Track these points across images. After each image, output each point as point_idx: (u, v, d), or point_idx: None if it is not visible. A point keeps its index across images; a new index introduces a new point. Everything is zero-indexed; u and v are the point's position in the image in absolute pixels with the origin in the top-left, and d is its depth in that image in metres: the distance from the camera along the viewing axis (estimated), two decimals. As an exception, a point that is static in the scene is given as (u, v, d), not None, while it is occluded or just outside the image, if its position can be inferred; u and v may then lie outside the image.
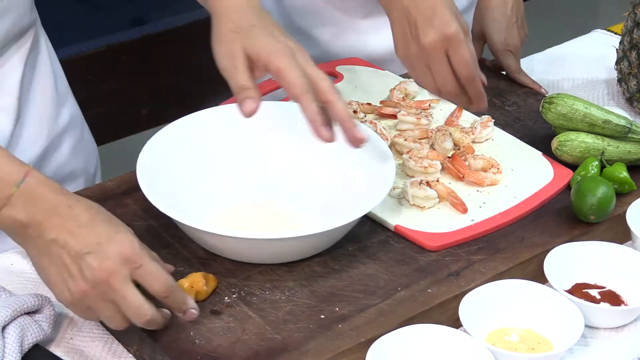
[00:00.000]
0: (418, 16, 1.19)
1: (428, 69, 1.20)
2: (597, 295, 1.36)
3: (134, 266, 1.18)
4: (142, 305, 1.19)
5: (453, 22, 1.19)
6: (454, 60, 1.19)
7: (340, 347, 1.24)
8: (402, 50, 1.22)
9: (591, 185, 1.43)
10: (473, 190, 1.50)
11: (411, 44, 1.20)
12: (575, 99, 1.55)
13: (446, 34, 1.18)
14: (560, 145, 1.54)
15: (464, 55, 1.19)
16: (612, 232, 1.46)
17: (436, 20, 1.18)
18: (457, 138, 1.58)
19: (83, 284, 1.17)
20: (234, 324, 1.27)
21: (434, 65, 1.19)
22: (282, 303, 1.30)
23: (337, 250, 1.39)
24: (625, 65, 1.73)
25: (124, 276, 1.17)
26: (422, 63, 1.20)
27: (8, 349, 1.22)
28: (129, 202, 1.46)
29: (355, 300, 1.31)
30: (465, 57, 1.19)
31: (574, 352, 1.30)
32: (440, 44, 1.18)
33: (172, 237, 1.40)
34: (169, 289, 1.20)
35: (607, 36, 2.01)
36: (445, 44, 1.18)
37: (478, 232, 1.42)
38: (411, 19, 1.20)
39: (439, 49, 1.18)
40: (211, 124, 1.50)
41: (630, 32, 1.71)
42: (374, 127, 1.55)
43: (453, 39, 1.18)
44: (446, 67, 1.19)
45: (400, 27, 1.22)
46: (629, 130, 1.54)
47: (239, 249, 1.34)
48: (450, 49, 1.18)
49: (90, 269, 1.17)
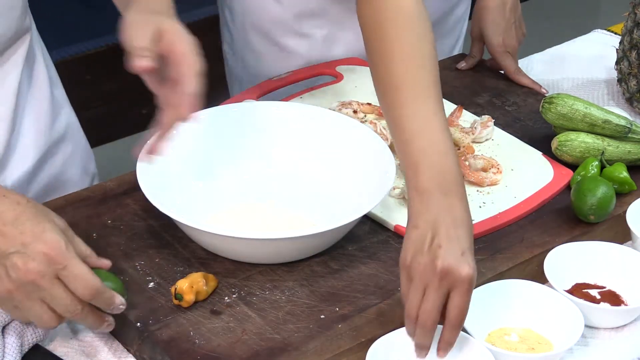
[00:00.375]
0: (445, 239, 1.16)
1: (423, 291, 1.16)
2: (597, 295, 1.36)
3: (58, 267, 1.15)
4: (72, 301, 1.17)
5: (474, 267, 1.17)
6: (453, 302, 1.16)
7: (340, 347, 1.25)
8: (410, 256, 1.17)
9: (591, 185, 1.43)
10: (473, 190, 1.50)
11: (424, 257, 1.16)
12: (575, 99, 1.55)
13: (461, 274, 1.15)
14: (560, 145, 1.54)
15: (464, 304, 1.16)
16: (612, 232, 1.46)
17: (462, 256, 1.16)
18: (457, 138, 1.58)
19: (8, 284, 1.15)
20: (234, 324, 1.27)
21: (432, 291, 1.15)
22: (282, 303, 1.30)
23: (337, 250, 1.39)
24: (625, 65, 1.73)
25: (49, 276, 1.15)
26: (422, 282, 1.16)
27: (8, 349, 1.22)
28: (129, 202, 1.46)
29: (355, 300, 1.31)
30: (464, 305, 1.16)
31: (574, 352, 1.30)
32: (451, 279, 1.15)
33: (172, 237, 1.40)
34: (93, 292, 1.17)
35: (607, 36, 2.01)
36: (453, 281, 1.15)
37: (478, 232, 1.42)
38: (437, 237, 1.16)
39: (446, 281, 1.15)
40: (211, 124, 1.50)
41: (630, 32, 1.71)
42: (374, 127, 1.55)
43: (465, 281, 1.15)
44: (440, 302, 1.16)
45: (420, 238, 1.17)
46: (629, 130, 1.54)
47: (239, 249, 1.34)
48: (456, 289, 1.15)
49: (15, 269, 1.15)
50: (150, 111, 1.32)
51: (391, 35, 1.30)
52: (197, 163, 1.48)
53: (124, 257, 1.36)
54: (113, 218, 1.43)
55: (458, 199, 1.21)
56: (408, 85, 1.27)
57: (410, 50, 1.29)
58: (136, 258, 1.36)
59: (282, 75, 1.75)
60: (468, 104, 1.71)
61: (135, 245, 1.38)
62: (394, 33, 1.30)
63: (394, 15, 1.30)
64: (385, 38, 1.30)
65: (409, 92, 1.26)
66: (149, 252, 1.37)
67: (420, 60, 1.28)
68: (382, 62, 1.30)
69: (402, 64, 1.28)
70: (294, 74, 1.76)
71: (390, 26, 1.30)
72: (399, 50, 1.29)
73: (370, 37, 1.33)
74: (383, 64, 1.30)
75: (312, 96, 1.68)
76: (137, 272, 1.34)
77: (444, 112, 1.27)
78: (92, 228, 1.41)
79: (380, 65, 1.31)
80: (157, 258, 1.36)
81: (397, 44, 1.29)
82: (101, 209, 1.44)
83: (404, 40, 1.29)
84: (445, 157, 1.23)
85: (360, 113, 1.63)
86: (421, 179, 1.21)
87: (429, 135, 1.24)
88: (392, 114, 1.28)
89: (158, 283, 1.32)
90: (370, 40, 1.33)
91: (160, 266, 1.35)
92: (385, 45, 1.30)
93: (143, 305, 1.29)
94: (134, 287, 1.31)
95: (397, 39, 1.29)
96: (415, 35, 1.30)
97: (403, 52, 1.29)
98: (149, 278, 1.33)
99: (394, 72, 1.28)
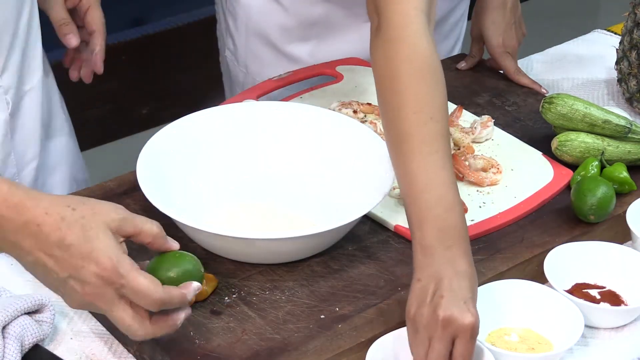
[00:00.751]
0: (447, 289, 1.18)
1: (428, 341, 1.19)
2: (597, 295, 1.36)
3: (117, 286, 1.11)
4: (130, 325, 1.12)
5: (477, 316, 1.18)
6: (457, 351, 1.18)
7: (340, 347, 1.25)
8: (414, 309, 1.19)
9: (591, 185, 1.43)
10: (473, 190, 1.50)
11: (427, 308, 1.18)
12: (575, 99, 1.55)
13: (463, 322, 1.17)
14: (560, 145, 1.54)
15: (467, 351, 1.18)
16: (612, 232, 1.46)
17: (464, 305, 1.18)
18: (457, 138, 1.58)
19: (75, 304, 1.13)
20: (234, 324, 1.27)
21: (436, 341, 1.17)
22: (282, 303, 1.30)
23: (337, 250, 1.39)
24: (625, 65, 1.73)
25: (109, 297, 1.11)
26: (426, 333, 1.18)
27: (8, 349, 1.22)
28: (129, 202, 1.45)
29: (355, 300, 1.31)
30: (468, 352, 1.18)
31: (574, 352, 1.30)
32: (454, 329, 1.17)
33: (172, 237, 1.39)
34: (159, 304, 1.12)
35: (607, 36, 2.01)
36: (456, 330, 1.17)
37: (478, 232, 1.42)
38: (439, 289, 1.19)
39: (449, 330, 1.17)
40: (211, 124, 1.50)
41: (630, 32, 1.71)
42: (374, 127, 1.55)
43: (467, 329, 1.17)
44: (445, 350, 1.18)
45: (423, 290, 1.20)
46: (629, 130, 1.54)
47: (239, 249, 1.34)
48: (459, 337, 1.18)
49: (74, 293, 1.12)
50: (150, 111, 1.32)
51: (403, 85, 1.29)
52: (197, 163, 1.48)
53: (124, 257, 1.36)
54: (113, 218, 1.42)
55: (461, 253, 1.22)
56: (416, 139, 1.27)
57: (422, 101, 1.28)
58: (136, 258, 1.36)
59: (282, 75, 1.75)
60: (468, 104, 1.71)
61: (135, 245, 1.38)
62: (406, 83, 1.29)
63: (407, 65, 1.30)
64: (397, 88, 1.29)
65: (416, 146, 1.27)
66: (149, 252, 1.37)
67: (431, 112, 1.28)
68: (392, 112, 1.30)
69: (413, 116, 1.28)
70: (294, 74, 1.76)
71: (403, 76, 1.29)
72: (411, 101, 1.28)
73: (382, 86, 1.32)
74: (393, 114, 1.30)
75: (312, 96, 1.68)
76: (137, 272, 1.33)
77: (451, 165, 1.27)
78: (92, 228, 1.40)
79: (391, 114, 1.30)
80: (157, 258, 1.36)
81: (409, 95, 1.29)
82: (101, 209, 1.44)
83: (416, 92, 1.29)
84: (449, 212, 1.24)
85: (360, 113, 1.63)
86: (425, 234, 1.23)
87: (434, 191, 1.24)
88: (400, 166, 1.29)
89: (158, 283, 1.32)
90: (382, 89, 1.32)
91: (160, 266, 1.35)
92: (397, 95, 1.29)
93: (143, 305, 1.28)
94: (134, 287, 1.31)
95: (409, 89, 1.29)
96: (427, 86, 1.29)
97: (414, 104, 1.28)
98: (149, 278, 1.33)
99: (405, 123, 1.28)
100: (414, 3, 1.32)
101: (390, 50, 1.31)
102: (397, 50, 1.31)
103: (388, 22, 1.32)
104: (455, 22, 1.98)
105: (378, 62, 1.33)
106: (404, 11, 1.32)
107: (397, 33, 1.32)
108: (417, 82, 1.29)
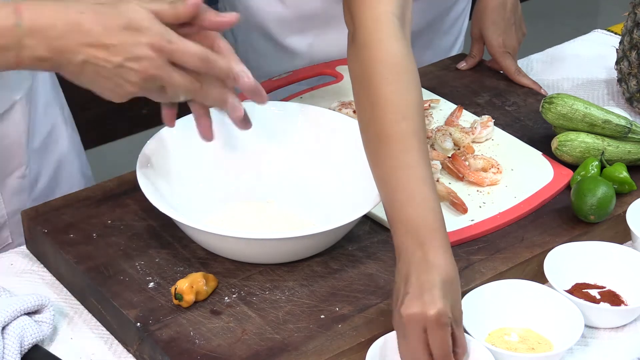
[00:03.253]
0: (411, 287, 1.20)
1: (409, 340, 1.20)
2: (597, 295, 1.36)
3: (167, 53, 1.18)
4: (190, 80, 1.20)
5: (440, 304, 1.18)
6: (432, 343, 1.19)
7: (340, 347, 1.25)
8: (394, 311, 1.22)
9: (591, 185, 1.43)
10: (473, 190, 1.50)
11: (398, 310, 1.20)
12: (575, 99, 1.55)
13: (426, 314, 1.18)
14: (560, 145, 1.54)
15: (441, 341, 1.19)
16: (612, 232, 1.46)
17: (426, 297, 1.19)
18: (457, 138, 1.58)
19: (132, 87, 1.19)
20: (234, 324, 1.27)
21: (411, 340, 1.20)
22: (282, 303, 1.30)
23: (337, 250, 1.39)
24: (625, 65, 1.73)
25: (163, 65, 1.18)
26: (402, 332, 1.21)
27: (8, 349, 1.22)
28: (129, 202, 1.46)
29: (355, 300, 1.31)
30: (443, 342, 1.19)
31: (574, 352, 1.30)
32: (419, 322, 1.19)
33: (172, 237, 1.40)
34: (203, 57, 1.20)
35: (607, 36, 2.01)
36: (422, 323, 1.19)
37: (478, 232, 1.42)
38: (406, 287, 1.20)
39: (415, 326, 1.19)
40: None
41: (630, 32, 1.71)
42: (374, 127, 1.55)
43: (432, 320, 1.18)
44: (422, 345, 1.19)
45: (396, 292, 1.22)
46: (629, 130, 1.54)
47: (239, 249, 1.34)
48: (429, 329, 1.19)
49: (133, 75, 1.18)
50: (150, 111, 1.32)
51: (376, 87, 1.31)
52: (197, 163, 1.47)
53: (124, 257, 1.36)
54: (113, 218, 1.43)
55: (434, 247, 1.21)
56: (390, 139, 1.28)
57: (394, 102, 1.29)
58: (136, 258, 1.36)
59: (282, 75, 1.75)
60: (468, 104, 1.71)
61: (135, 245, 1.38)
62: (378, 85, 1.30)
63: (380, 68, 1.31)
64: (371, 91, 1.31)
65: (390, 145, 1.27)
66: (149, 252, 1.37)
67: (404, 112, 1.29)
68: (367, 114, 1.31)
69: (386, 116, 1.29)
70: (294, 74, 1.76)
71: (375, 78, 1.31)
72: (383, 102, 1.29)
73: (357, 90, 1.34)
74: (368, 116, 1.31)
75: (312, 96, 1.68)
76: (137, 272, 1.34)
77: (426, 162, 1.27)
78: (92, 228, 1.41)
79: (366, 117, 1.32)
80: (157, 258, 1.36)
81: (381, 96, 1.30)
82: (101, 209, 1.44)
83: (388, 92, 1.30)
84: (420, 209, 1.23)
85: (360, 113, 1.63)
86: (398, 236, 1.24)
87: (406, 190, 1.24)
88: (377, 169, 1.29)
89: (158, 283, 1.32)
90: (357, 93, 1.34)
91: (160, 266, 1.35)
92: (371, 98, 1.31)
93: (143, 305, 1.29)
94: (134, 287, 1.31)
95: (382, 91, 1.30)
96: (400, 87, 1.30)
97: (387, 105, 1.29)
98: (149, 278, 1.33)
99: (377, 124, 1.29)
100: (385, 7, 1.34)
101: (363, 55, 1.33)
102: (369, 54, 1.32)
103: (361, 28, 1.35)
104: (455, 18, 1.98)
105: (353, 67, 1.35)
106: (375, 16, 1.34)
107: (370, 37, 1.33)
108: (388, 83, 1.30)
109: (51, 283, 1.39)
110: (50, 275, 1.40)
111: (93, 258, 1.36)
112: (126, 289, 1.31)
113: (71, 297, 1.37)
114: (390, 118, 1.28)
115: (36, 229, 1.41)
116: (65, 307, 1.35)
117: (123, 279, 1.32)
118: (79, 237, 1.39)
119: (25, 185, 1.55)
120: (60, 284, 1.39)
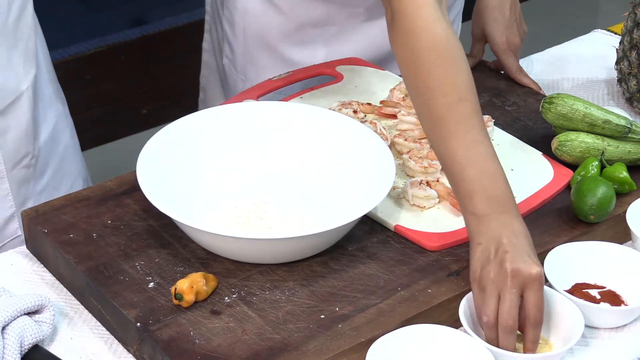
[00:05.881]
0: (510, 246, 1.26)
1: (497, 296, 1.25)
2: (597, 295, 1.36)
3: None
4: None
5: (540, 267, 1.26)
6: (529, 301, 1.25)
7: (340, 347, 1.25)
8: (479, 269, 1.27)
9: (591, 185, 1.43)
10: (473, 190, 1.50)
11: (492, 266, 1.25)
12: (575, 99, 1.55)
13: (530, 273, 1.24)
14: (560, 145, 1.54)
15: (539, 300, 1.25)
16: (612, 232, 1.46)
17: (527, 258, 1.25)
18: (457, 138, 1.58)
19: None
20: (234, 324, 1.27)
21: (507, 292, 1.24)
22: (282, 303, 1.30)
23: (337, 250, 1.39)
24: (625, 65, 1.73)
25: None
26: (495, 287, 1.25)
27: (8, 349, 1.22)
28: (129, 202, 1.46)
29: (355, 300, 1.31)
30: (540, 301, 1.25)
31: (574, 352, 1.30)
32: (522, 279, 1.25)
33: (172, 237, 1.40)
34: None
35: (607, 36, 2.01)
36: (524, 280, 1.25)
37: (478, 232, 1.42)
38: (501, 247, 1.26)
39: (517, 281, 1.24)
40: (211, 124, 1.50)
41: (630, 32, 1.71)
42: (374, 127, 1.55)
43: (535, 279, 1.25)
44: (516, 301, 1.25)
45: (485, 251, 1.27)
46: (629, 130, 1.54)
47: (239, 249, 1.34)
48: (528, 288, 1.25)
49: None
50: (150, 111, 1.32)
51: (427, 73, 1.34)
52: (197, 163, 1.48)
53: (124, 257, 1.36)
54: (113, 218, 1.43)
55: (513, 216, 1.30)
56: (451, 120, 1.33)
57: (447, 85, 1.34)
58: (136, 258, 1.36)
59: (282, 75, 1.75)
60: (468, 104, 1.71)
61: (135, 245, 1.38)
62: (429, 71, 1.34)
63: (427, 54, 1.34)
64: (422, 76, 1.35)
65: (452, 127, 1.33)
66: (149, 252, 1.37)
67: (459, 93, 1.33)
68: (421, 98, 1.35)
69: (443, 99, 1.33)
70: (294, 74, 1.76)
71: (425, 64, 1.34)
72: (437, 87, 1.34)
73: (407, 75, 1.38)
74: (423, 100, 1.35)
75: (312, 96, 1.68)
76: (137, 272, 1.34)
77: (488, 139, 1.34)
78: (92, 228, 1.41)
79: (421, 100, 1.36)
80: (157, 258, 1.36)
81: (434, 81, 1.34)
82: (101, 209, 1.44)
83: (440, 77, 1.34)
84: (495, 182, 1.32)
85: (360, 113, 1.63)
86: (477, 205, 1.30)
87: (478, 164, 1.32)
88: (440, 147, 1.34)
89: (158, 283, 1.32)
90: (407, 78, 1.38)
91: (160, 266, 1.35)
92: (423, 83, 1.35)
93: (143, 305, 1.29)
94: (134, 287, 1.31)
95: (433, 76, 1.34)
96: (450, 70, 1.34)
97: (441, 89, 1.33)
98: (149, 278, 1.33)
99: (436, 108, 1.34)
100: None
101: (409, 41, 1.36)
102: (415, 41, 1.35)
103: (401, 12, 1.36)
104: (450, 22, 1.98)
105: (399, 53, 1.38)
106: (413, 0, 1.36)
107: (412, 23, 1.35)
108: (438, 68, 1.34)
109: (51, 283, 1.39)
110: (50, 275, 1.40)
111: (93, 258, 1.36)
112: (126, 289, 1.31)
113: (71, 297, 1.37)
114: (446, 101, 1.33)
115: (36, 229, 1.41)
116: (65, 307, 1.35)
117: (123, 278, 1.32)
118: (79, 237, 1.39)
119: (30, 174, 1.56)
120: (60, 284, 1.39)
